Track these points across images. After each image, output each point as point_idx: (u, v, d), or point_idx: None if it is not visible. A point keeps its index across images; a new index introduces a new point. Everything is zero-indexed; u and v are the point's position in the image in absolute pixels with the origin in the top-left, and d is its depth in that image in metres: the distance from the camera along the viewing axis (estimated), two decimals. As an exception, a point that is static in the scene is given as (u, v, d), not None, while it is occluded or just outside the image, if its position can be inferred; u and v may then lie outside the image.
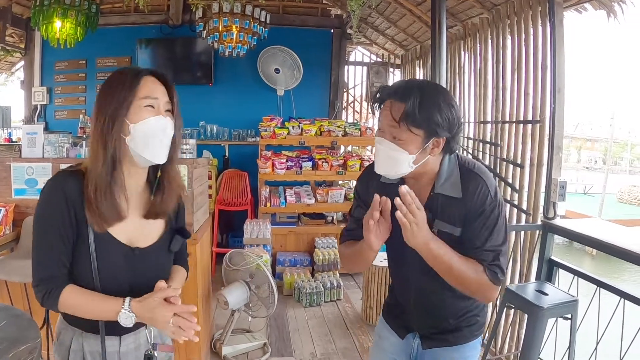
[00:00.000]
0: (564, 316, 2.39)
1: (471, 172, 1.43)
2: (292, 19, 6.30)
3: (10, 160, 3.03)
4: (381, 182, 1.52)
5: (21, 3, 5.65)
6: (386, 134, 1.38)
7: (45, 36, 4.76)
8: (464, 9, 4.23)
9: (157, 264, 1.39)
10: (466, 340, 1.60)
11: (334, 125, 5.49)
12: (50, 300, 1.23)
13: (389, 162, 1.39)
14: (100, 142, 1.22)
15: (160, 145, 1.27)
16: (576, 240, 2.75)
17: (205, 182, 3.56)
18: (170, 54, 6.17)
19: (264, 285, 3.58)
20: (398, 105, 1.33)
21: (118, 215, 1.26)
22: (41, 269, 1.24)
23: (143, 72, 1.27)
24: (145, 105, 1.25)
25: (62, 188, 1.22)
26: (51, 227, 1.22)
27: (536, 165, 3.32)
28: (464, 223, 1.41)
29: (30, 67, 6.27)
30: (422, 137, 1.34)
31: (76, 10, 4.62)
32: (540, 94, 3.25)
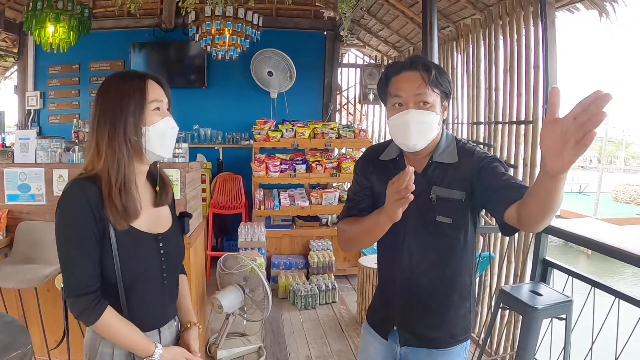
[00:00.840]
0: (559, 316, 2.38)
1: (465, 144, 1.56)
2: (285, 22, 6.31)
3: (3, 165, 3.02)
4: (380, 161, 1.61)
5: (14, 7, 5.64)
6: (410, 103, 1.43)
7: (38, 41, 4.73)
8: (456, 10, 4.24)
9: (178, 246, 1.50)
10: (449, 344, 1.58)
11: (328, 128, 5.49)
12: (90, 316, 1.26)
13: (422, 127, 1.44)
14: (117, 145, 1.28)
15: (171, 142, 1.38)
16: (570, 240, 2.74)
17: (198, 186, 3.54)
18: (164, 58, 6.17)
19: (258, 289, 3.56)
20: (424, 73, 1.42)
21: (135, 212, 1.32)
22: (78, 281, 1.25)
23: (146, 76, 1.35)
24: (153, 109, 1.33)
25: (85, 195, 1.25)
26: (82, 236, 1.25)
27: (529, 166, 3.32)
28: (472, 182, 1.46)
29: (23, 72, 6.24)
30: (439, 98, 1.46)
31: (69, 15, 4.60)
32: (533, 95, 3.25)
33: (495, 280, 3.57)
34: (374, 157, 1.64)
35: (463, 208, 1.50)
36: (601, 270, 10.80)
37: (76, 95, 6.23)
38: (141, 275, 1.35)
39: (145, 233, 1.37)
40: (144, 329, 1.37)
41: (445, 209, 1.49)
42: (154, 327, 1.42)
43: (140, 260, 1.35)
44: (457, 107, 4.54)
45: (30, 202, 2.97)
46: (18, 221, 2.95)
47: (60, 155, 3.13)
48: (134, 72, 1.38)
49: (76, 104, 6.24)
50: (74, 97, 6.24)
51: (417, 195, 1.40)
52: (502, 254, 3.54)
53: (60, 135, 3.79)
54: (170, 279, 1.45)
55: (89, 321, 1.27)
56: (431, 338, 1.57)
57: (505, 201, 1.30)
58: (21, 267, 2.73)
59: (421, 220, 1.51)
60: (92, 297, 1.26)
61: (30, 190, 2.97)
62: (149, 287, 1.38)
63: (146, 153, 1.33)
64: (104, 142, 1.28)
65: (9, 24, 5.74)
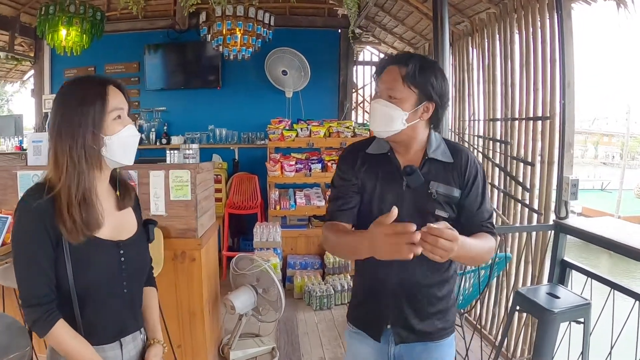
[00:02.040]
0: (577, 320, 2.30)
1: (456, 145, 1.63)
2: (298, 20, 6.26)
3: (17, 168, 3.04)
4: (368, 154, 1.62)
5: (29, 12, 5.71)
6: (383, 95, 1.50)
7: (51, 45, 4.80)
8: (471, 4, 4.14)
9: (141, 254, 1.47)
10: (442, 336, 1.62)
11: (343, 127, 5.45)
12: (40, 328, 1.24)
13: (384, 118, 1.49)
14: (76, 156, 1.25)
15: (133, 150, 1.35)
16: (589, 240, 2.64)
17: (210, 187, 3.53)
18: (178, 59, 6.18)
19: (271, 289, 3.54)
20: (400, 68, 1.47)
21: (98, 221, 1.29)
22: (31, 291, 1.23)
23: (105, 83, 1.31)
24: (114, 118, 1.30)
25: (36, 207, 1.23)
26: (33, 249, 1.23)
27: (547, 163, 3.22)
28: (462, 188, 1.55)
29: (40, 75, 6.34)
30: (416, 96, 1.47)
31: (81, 18, 4.65)
32: (550, 90, 3.15)
33: (513, 282, 3.47)
34: (361, 150, 1.64)
35: (456, 204, 1.56)
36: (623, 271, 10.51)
37: (92, 97, 6.28)
38: (98, 283, 1.30)
39: (104, 240, 1.33)
40: (102, 341, 1.34)
41: (443, 204, 1.53)
42: (114, 339, 1.37)
43: (97, 268, 1.30)
44: (473, 104, 4.44)
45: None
46: (30, 223, 2.96)
47: (72, 158, 3.14)
48: (94, 77, 1.37)
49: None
50: (90, 100, 6.28)
51: (415, 191, 1.52)
52: (519, 255, 3.44)
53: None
54: (132, 289, 1.41)
55: (40, 333, 1.24)
56: (427, 332, 1.59)
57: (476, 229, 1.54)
58: None
59: (420, 215, 1.50)
60: (44, 308, 1.23)
61: (43, 192, 2.98)
62: (107, 296, 1.34)
63: (107, 161, 1.31)
64: (63, 153, 1.25)
65: (25, 29, 5.83)
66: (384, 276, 1.57)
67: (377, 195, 1.56)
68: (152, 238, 1.54)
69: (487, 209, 1.59)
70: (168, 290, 2.97)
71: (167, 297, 2.91)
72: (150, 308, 1.55)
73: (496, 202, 3.87)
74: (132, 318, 1.43)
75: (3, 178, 3.03)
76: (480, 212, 1.57)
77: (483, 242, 1.50)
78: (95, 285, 1.30)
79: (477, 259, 1.54)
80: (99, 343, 1.33)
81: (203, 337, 3.12)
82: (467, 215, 1.56)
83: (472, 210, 1.56)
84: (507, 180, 3.71)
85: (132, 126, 1.34)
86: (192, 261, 3.05)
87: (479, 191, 1.57)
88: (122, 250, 1.36)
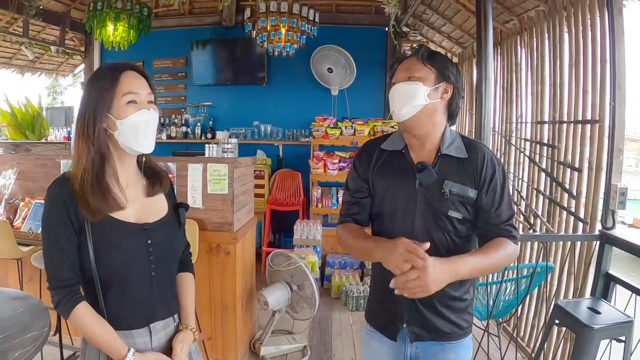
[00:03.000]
0: (618, 338, 2.16)
1: (472, 141, 1.59)
2: (345, 18, 6.23)
3: (60, 157, 3.21)
4: (383, 151, 1.61)
5: (79, 8, 5.99)
6: (401, 80, 1.52)
7: (99, 40, 5.00)
8: (519, 2, 3.98)
9: (170, 237, 1.46)
10: (459, 336, 1.60)
11: (388, 126, 5.38)
12: (63, 309, 1.29)
13: (405, 95, 1.49)
14: (83, 139, 1.30)
15: (145, 136, 1.33)
16: (636, 254, 2.48)
17: (249, 182, 3.57)
18: (224, 55, 6.30)
19: (306, 287, 3.54)
20: (415, 55, 1.53)
21: (110, 204, 1.32)
22: (55, 274, 1.29)
23: (121, 68, 1.33)
24: (128, 102, 1.31)
25: (59, 193, 1.30)
26: (56, 234, 1.28)
27: (595, 169, 3.05)
28: (478, 188, 1.51)
29: (89, 69, 6.64)
30: (434, 75, 1.50)
31: (128, 14, 4.80)
32: (600, 91, 2.98)
33: (554, 293, 3.31)
34: (376, 146, 1.64)
35: (472, 204, 1.52)
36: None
37: (140, 91, 6.50)
38: (121, 266, 1.33)
39: (128, 223, 1.35)
40: (129, 326, 1.36)
41: (457, 204, 1.50)
42: (142, 325, 1.38)
43: (120, 251, 1.32)
44: (520, 106, 4.27)
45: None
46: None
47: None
48: (112, 64, 1.37)
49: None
50: (138, 93, 6.52)
51: (428, 189, 1.49)
52: (561, 265, 3.28)
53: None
54: (161, 273, 1.41)
55: (63, 314, 1.29)
56: (442, 331, 1.58)
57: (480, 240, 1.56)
58: None
59: (432, 214, 1.51)
60: (67, 290, 1.28)
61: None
62: (132, 279, 1.35)
63: (123, 146, 1.33)
64: (79, 138, 1.31)
65: (75, 24, 6.10)
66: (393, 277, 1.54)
67: (389, 194, 1.56)
68: (182, 221, 1.52)
69: (506, 209, 1.53)
70: (201, 282, 3.03)
71: (200, 289, 2.95)
72: (185, 294, 1.54)
73: (541, 208, 3.71)
74: (162, 304, 1.43)
75: (47, 166, 3.22)
76: (498, 214, 1.52)
77: (496, 253, 1.46)
78: (119, 268, 1.32)
79: (491, 270, 1.53)
80: (126, 328, 1.35)
81: (234, 331, 3.16)
82: (484, 216, 1.52)
83: (488, 212, 1.52)
84: (552, 186, 3.54)
85: (147, 111, 1.32)
86: (226, 255, 3.10)
87: (497, 191, 1.51)
88: (148, 233, 1.37)
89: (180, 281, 1.55)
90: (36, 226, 2.99)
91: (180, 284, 1.54)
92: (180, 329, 1.48)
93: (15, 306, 1.72)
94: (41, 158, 3.36)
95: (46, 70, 7.67)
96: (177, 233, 1.51)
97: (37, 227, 2.95)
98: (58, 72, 7.88)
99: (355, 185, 1.64)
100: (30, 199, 3.23)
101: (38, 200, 3.15)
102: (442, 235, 1.51)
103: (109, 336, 1.30)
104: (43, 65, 7.47)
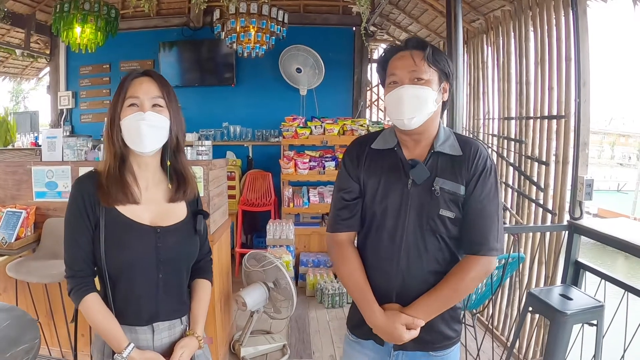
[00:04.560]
0: (589, 322, 2.27)
1: (467, 139, 1.53)
2: (313, 18, 6.27)
3: (31, 163, 3.10)
4: (374, 150, 1.55)
5: (45, 10, 5.82)
6: (405, 80, 1.43)
7: (66, 42, 4.88)
8: (485, 2, 4.10)
9: (182, 243, 1.47)
10: (445, 346, 1.54)
11: (357, 124, 5.42)
12: (74, 297, 1.37)
13: (416, 102, 1.42)
14: (107, 139, 1.41)
15: (139, 136, 1.36)
16: (603, 242, 2.60)
17: (223, 184, 3.54)
18: (193, 56, 6.23)
19: (283, 286, 3.55)
20: (417, 52, 1.43)
21: (126, 195, 1.39)
22: (70, 264, 1.38)
23: (133, 74, 1.42)
24: (129, 105, 1.38)
25: (81, 189, 1.39)
26: (74, 226, 1.37)
27: (561, 163, 3.19)
28: (467, 183, 1.44)
29: (55, 72, 6.45)
30: (437, 76, 1.45)
31: (95, 16, 4.70)
32: (565, 88, 3.12)
33: (526, 283, 3.44)
34: (366, 145, 1.57)
35: (463, 202, 1.45)
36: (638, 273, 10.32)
37: (107, 94, 6.39)
38: (129, 264, 1.37)
39: (141, 224, 1.40)
40: (134, 322, 1.39)
41: (448, 202, 1.44)
42: (144, 323, 1.41)
43: (129, 249, 1.37)
44: (487, 102, 4.40)
45: (57, 199, 3.04)
46: (45, 218, 3.03)
47: (86, 154, 3.19)
48: (130, 72, 1.44)
49: (107, 103, 6.37)
50: (105, 96, 6.40)
51: (420, 188, 1.44)
52: (532, 255, 3.41)
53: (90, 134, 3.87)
54: (168, 276, 1.43)
55: (74, 301, 1.37)
56: (427, 340, 1.50)
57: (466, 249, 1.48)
58: (47, 263, 2.78)
59: (424, 215, 1.45)
60: (79, 280, 1.37)
61: (57, 188, 3.04)
62: (139, 278, 1.38)
63: (129, 146, 1.40)
64: (105, 139, 1.43)
65: (40, 27, 5.91)
66: (384, 282, 1.50)
67: (380, 194, 1.49)
68: (199, 228, 1.52)
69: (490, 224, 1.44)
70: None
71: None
72: (197, 300, 1.55)
73: (510, 201, 3.84)
74: (168, 306, 1.44)
75: (18, 173, 3.10)
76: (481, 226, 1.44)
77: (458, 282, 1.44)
78: (125, 266, 1.37)
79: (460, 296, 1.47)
80: (130, 324, 1.39)
81: (214, 333, 3.13)
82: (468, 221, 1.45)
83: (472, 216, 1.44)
84: (521, 179, 3.67)
85: (142, 113, 1.36)
86: (204, 258, 3.07)
87: (485, 193, 1.43)
88: (160, 237, 1.41)
89: (195, 287, 1.57)
90: (9, 235, 2.89)
91: (194, 289, 1.56)
92: (186, 334, 1.48)
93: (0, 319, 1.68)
94: (11, 165, 3.23)
95: (10, 74, 7.41)
96: (192, 239, 1.51)
97: (10, 236, 2.85)
98: (22, 76, 7.62)
99: (345, 184, 1.56)
100: (1, 207, 3.12)
101: (9, 209, 3.04)
102: (433, 238, 1.46)
103: (112, 328, 1.35)
104: (7, 70, 7.22)
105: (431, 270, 1.47)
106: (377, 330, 1.47)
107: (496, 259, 1.49)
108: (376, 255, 1.53)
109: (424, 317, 1.43)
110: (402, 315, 1.43)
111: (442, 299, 1.44)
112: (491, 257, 1.44)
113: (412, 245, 1.46)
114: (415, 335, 1.43)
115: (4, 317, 1.69)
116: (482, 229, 1.44)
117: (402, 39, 6.50)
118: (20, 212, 2.91)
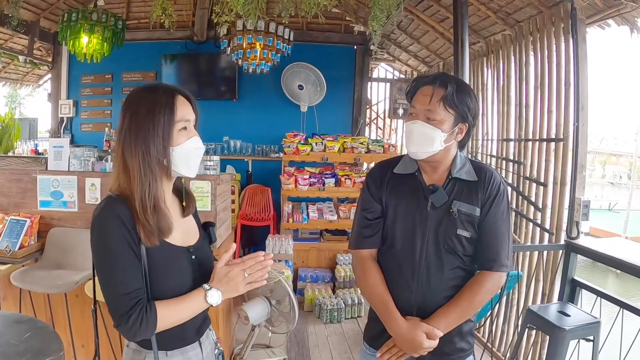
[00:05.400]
0: (586, 338, 2.34)
1: (482, 165, 1.65)
2: (315, 36, 6.39)
3: (37, 172, 3.09)
4: (395, 174, 1.65)
5: (49, 18, 5.85)
6: (420, 116, 1.54)
7: (72, 51, 4.92)
8: (486, 26, 4.23)
9: (207, 256, 1.49)
10: (459, 357, 1.62)
11: (357, 142, 5.48)
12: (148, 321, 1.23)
13: (422, 138, 1.52)
14: (147, 165, 1.27)
15: (196, 163, 1.37)
16: (600, 260, 2.69)
17: (228, 198, 3.58)
18: (195, 70, 6.31)
19: (285, 301, 3.57)
20: (438, 90, 1.50)
21: (170, 226, 1.32)
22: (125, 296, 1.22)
23: (175, 93, 1.32)
24: (180, 129, 1.31)
25: (117, 214, 1.24)
26: (121, 254, 1.23)
27: (559, 184, 3.27)
28: (482, 205, 1.55)
29: (57, 80, 6.49)
30: (453, 118, 1.52)
31: (103, 26, 4.76)
32: (564, 112, 3.22)
33: (523, 300, 3.50)
34: (388, 168, 1.68)
35: (478, 223, 1.56)
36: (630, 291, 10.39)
37: (108, 104, 6.45)
38: (173, 288, 1.32)
39: (178, 247, 1.36)
40: (184, 343, 1.39)
41: (465, 223, 1.55)
42: (193, 340, 1.43)
43: (174, 274, 1.33)
44: (487, 124, 4.50)
45: (62, 209, 3.04)
46: (49, 227, 3.02)
47: (93, 164, 3.19)
48: (164, 86, 1.34)
49: (108, 113, 6.45)
50: (106, 106, 6.46)
51: (439, 210, 1.55)
52: (530, 273, 3.48)
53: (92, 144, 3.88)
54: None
55: (152, 324, 1.24)
56: (444, 351, 1.58)
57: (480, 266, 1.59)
58: (51, 273, 2.76)
59: (442, 234, 1.55)
60: (140, 306, 1.23)
61: (62, 197, 3.04)
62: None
63: (172, 172, 1.33)
64: (134, 161, 1.26)
65: (44, 34, 5.95)
66: (405, 298, 1.59)
67: (401, 215, 1.60)
68: (214, 239, 1.56)
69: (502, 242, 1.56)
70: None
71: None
72: None
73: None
74: (204, 318, 1.47)
75: (23, 182, 3.09)
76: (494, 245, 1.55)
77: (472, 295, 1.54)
78: (170, 290, 1.31)
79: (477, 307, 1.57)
80: (178, 347, 1.38)
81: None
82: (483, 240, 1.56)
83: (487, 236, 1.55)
84: (519, 199, 3.75)
85: (198, 138, 1.35)
86: (209, 272, 3.09)
87: (498, 215, 1.55)
88: (194, 256, 1.40)
89: None
90: (13, 243, 2.89)
91: None
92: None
93: (21, 330, 1.66)
94: (16, 173, 3.21)
95: (11, 80, 7.42)
96: (210, 250, 1.55)
97: (14, 244, 2.84)
98: (22, 82, 7.62)
99: (368, 205, 1.67)
100: (5, 215, 3.14)
101: (13, 217, 3.05)
102: (451, 256, 1.55)
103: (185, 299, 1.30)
104: (8, 75, 7.23)
105: (449, 286, 1.56)
106: (398, 338, 1.53)
107: (505, 274, 1.60)
108: (398, 272, 1.62)
109: (443, 329, 1.50)
110: (423, 324, 1.50)
111: (459, 311, 1.53)
112: (502, 273, 1.56)
113: (432, 263, 1.56)
114: (435, 345, 1.50)
115: (25, 328, 1.68)
116: (496, 247, 1.55)
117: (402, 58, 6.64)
118: (25, 221, 2.89)
